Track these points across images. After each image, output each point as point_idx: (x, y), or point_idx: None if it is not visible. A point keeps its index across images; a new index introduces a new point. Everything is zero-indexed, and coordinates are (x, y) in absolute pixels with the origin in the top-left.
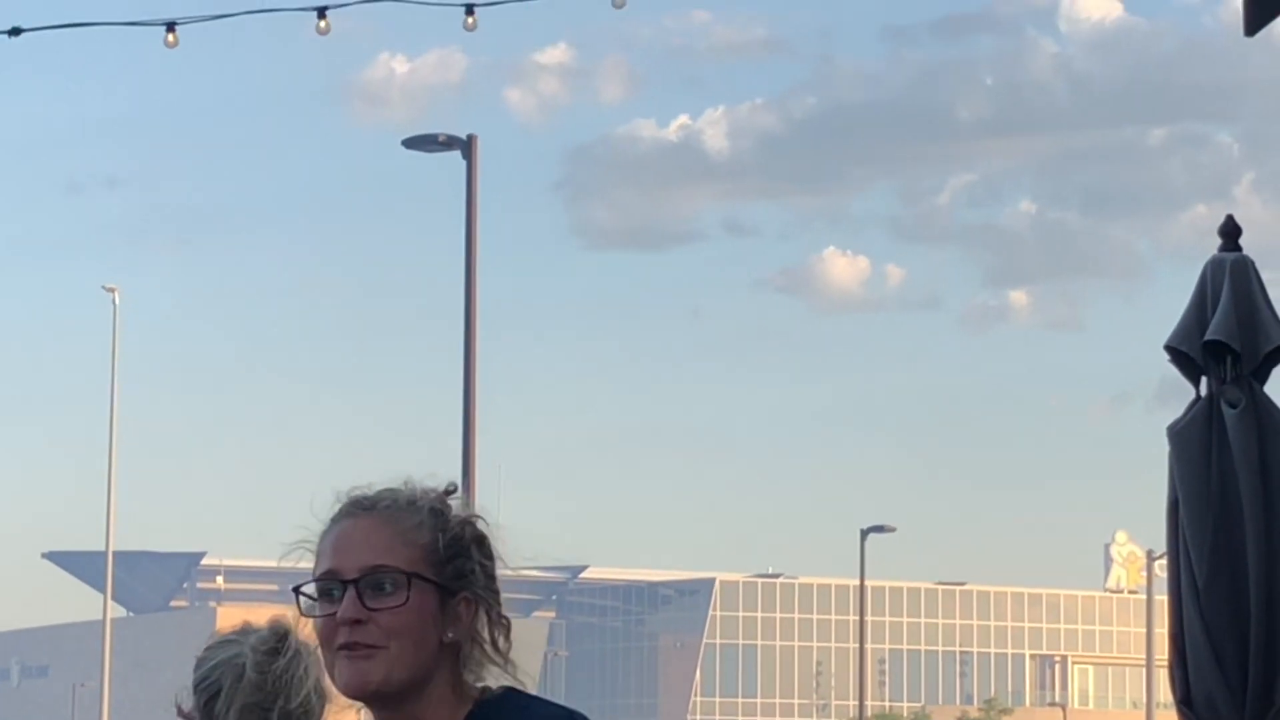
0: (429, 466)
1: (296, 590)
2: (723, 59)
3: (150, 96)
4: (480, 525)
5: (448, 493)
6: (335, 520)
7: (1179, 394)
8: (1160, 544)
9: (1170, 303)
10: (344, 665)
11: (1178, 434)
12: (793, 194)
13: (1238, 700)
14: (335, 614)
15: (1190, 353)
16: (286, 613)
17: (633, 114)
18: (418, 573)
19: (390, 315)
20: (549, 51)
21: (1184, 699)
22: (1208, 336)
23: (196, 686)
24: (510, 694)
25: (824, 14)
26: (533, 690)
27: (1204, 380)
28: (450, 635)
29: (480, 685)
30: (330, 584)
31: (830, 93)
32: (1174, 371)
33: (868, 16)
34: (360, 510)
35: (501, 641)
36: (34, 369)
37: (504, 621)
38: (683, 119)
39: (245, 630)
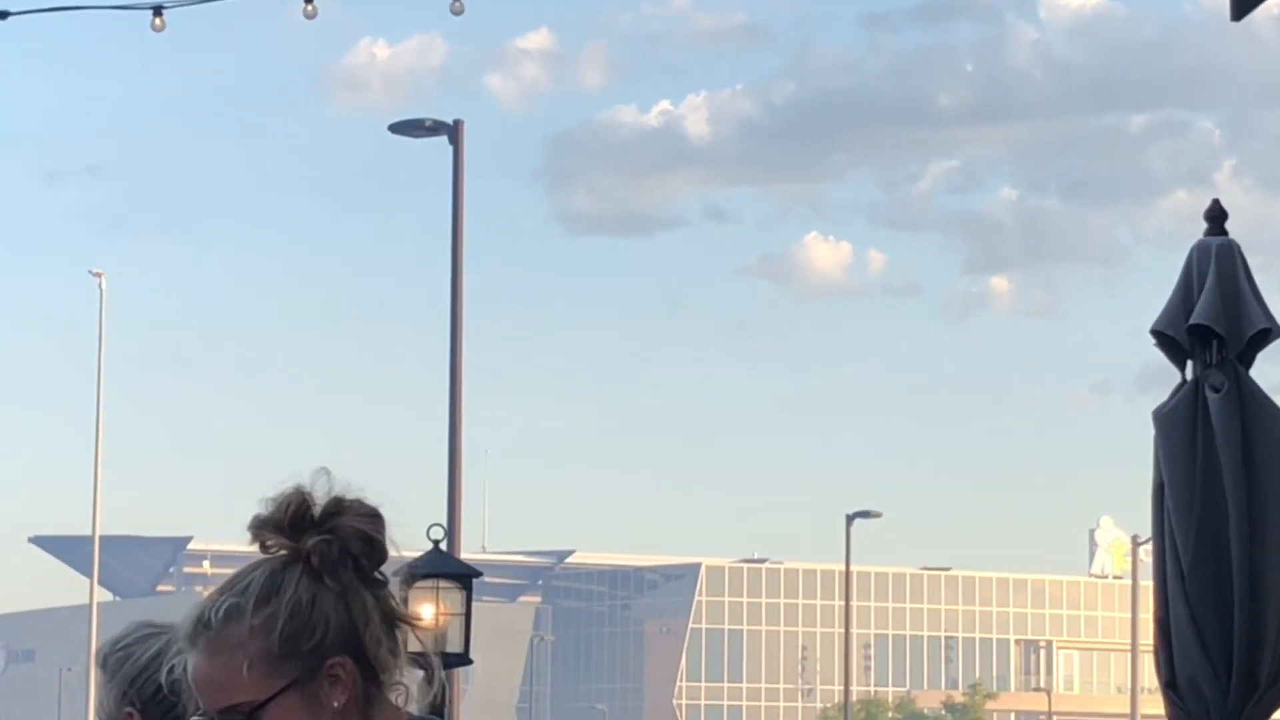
0: (415, 451)
1: None
2: (703, 46)
3: (130, 83)
4: (322, 551)
5: (294, 517)
6: (186, 655)
7: (1160, 380)
8: (1145, 529)
9: (1151, 289)
10: None
11: (1163, 418)
12: (774, 180)
13: (1222, 683)
14: None
15: (1176, 337)
16: None
17: (614, 100)
18: (261, 697)
19: (375, 300)
20: (530, 37)
21: (1169, 682)
22: (1192, 320)
23: (137, 678)
24: None
25: (803, 1)
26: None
27: (1189, 364)
28: (337, 704)
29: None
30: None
31: (810, 80)
32: (1155, 358)
33: (846, 3)
34: (191, 646)
35: (397, 650)
36: (19, 354)
37: (392, 625)
38: (664, 105)
39: (153, 623)
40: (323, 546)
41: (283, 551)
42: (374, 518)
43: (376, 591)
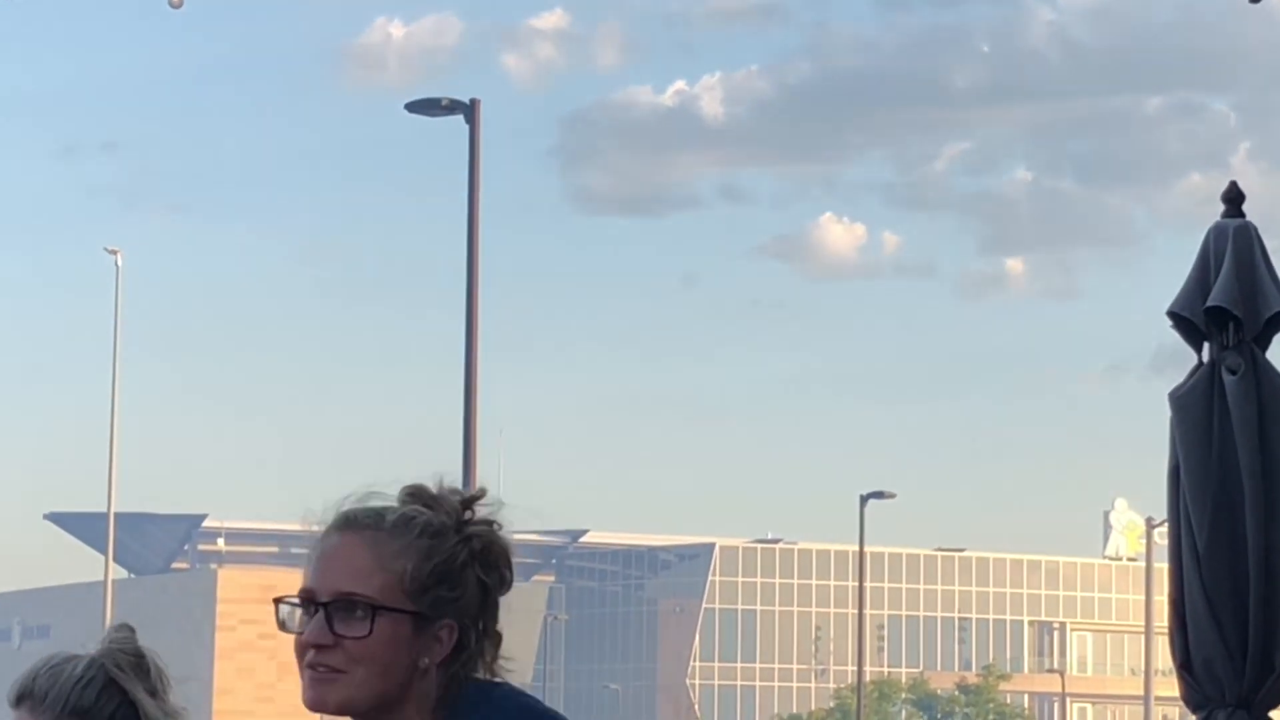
0: (430, 430)
1: (277, 601)
2: (718, 25)
3: (146, 59)
4: (485, 539)
5: (467, 502)
6: (326, 533)
7: (1174, 362)
8: (1160, 511)
9: (1166, 271)
10: (306, 682)
11: (1179, 400)
12: (789, 161)
13: (1237, 665)
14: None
15: (1193, 318)
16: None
17: (629, 80)
18: (386, 605)
19: (390, 278)
20: (545, 17)
21: (1184, 664)
22: (1210, 302)
23: (75, 689)
24: (470, 701)
25: None
26: (520, 674)
27: (1206, 346)
28: (425, 661)
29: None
30: (307, 602)
31: (826, 59)
32: (1170, 340)
33: None
34: (346, 527)
35: (489, 656)
36: (35, 330)
37: (494, 635)
38: (679, 85)
39: (65, 653)
40: (487, 537)
41: (439, 516)
42: (512, 552)
43: (496, 605)
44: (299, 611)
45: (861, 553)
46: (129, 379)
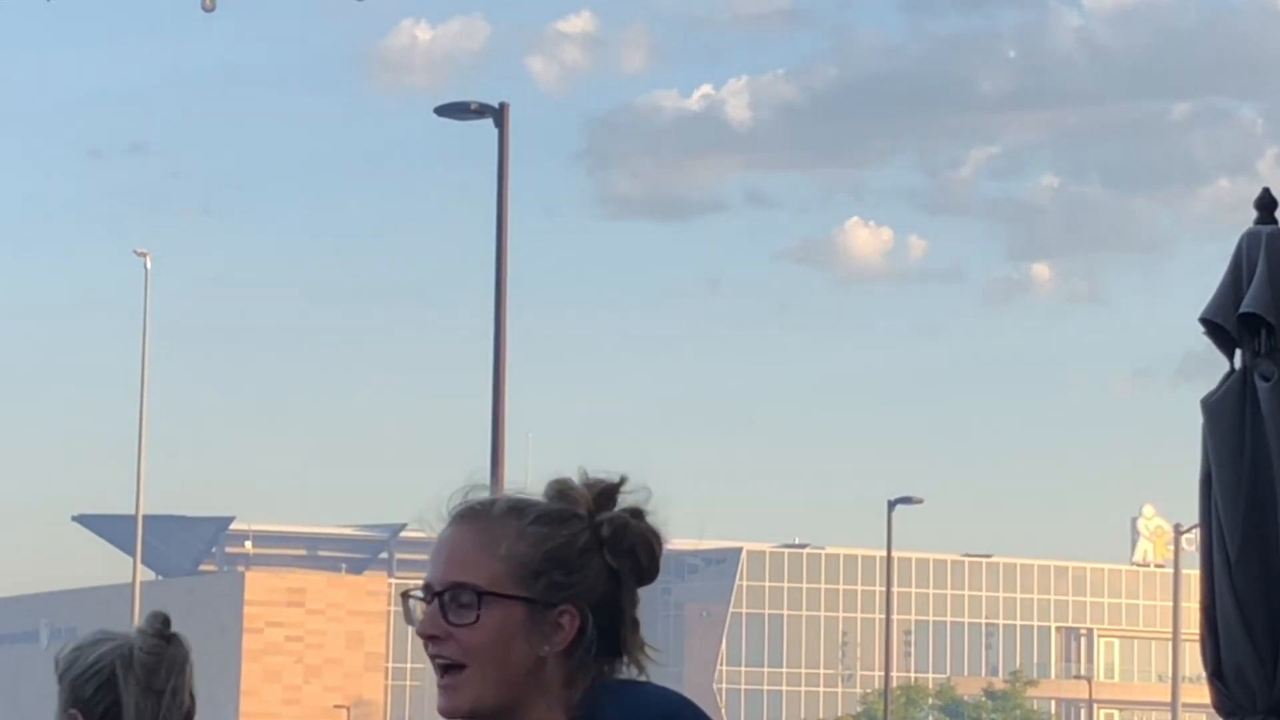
0: (458, 433)
1: (405, 595)
2: (744, 30)
3: (173, 62)
4: (616, 525)
5: (604, 491)
6: (442, 530)
7: (1203, 368)
8: (1188, 517)
9: (1193, 277)
10: (439, 686)
11: (1211, 407)
12: (815, 165)
13: (1268, 672)
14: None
15: (1225, 325)
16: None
17: (655, 84)
18: (492, 589)
19: (418, 281)
20: (572, 20)
21: (1215, 671)
22: (1242, 309)
23: (79, 678)
24: (599, 694)
25: None
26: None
27: (1238, 353)
28: (546, 649)
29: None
30: (425, 594)
31: (852, 64)
32: (1198, 345)
33: None
34: (458, 518)
35: (627, 644)
36: (64, 333)
37: (630, 624)
38: (705, 89)
39: (109, 631)
40: (618, 523)
41: (560, 504)
42: (660, 539)
43: (636, 593)
44: (421, 606)
45: (889, 558)
46: (157, 381)
